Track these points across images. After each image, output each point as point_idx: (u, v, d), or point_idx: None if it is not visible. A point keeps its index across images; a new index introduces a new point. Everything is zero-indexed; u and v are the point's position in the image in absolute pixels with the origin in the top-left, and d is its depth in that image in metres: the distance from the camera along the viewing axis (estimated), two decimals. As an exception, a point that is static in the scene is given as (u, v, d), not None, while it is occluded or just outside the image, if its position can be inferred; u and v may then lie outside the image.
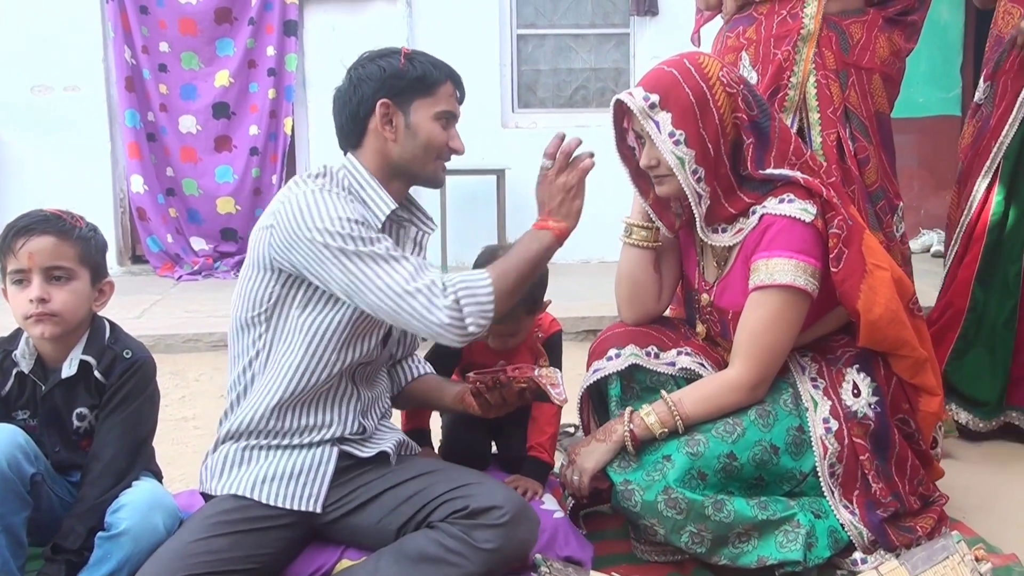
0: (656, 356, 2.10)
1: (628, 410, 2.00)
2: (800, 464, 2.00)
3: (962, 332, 2.82)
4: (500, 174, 5.95)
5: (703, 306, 2.15)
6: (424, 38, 6.00)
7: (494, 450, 2.32)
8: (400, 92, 1.86)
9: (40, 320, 1.85)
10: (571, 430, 2.73)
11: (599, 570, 1.96)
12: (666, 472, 1.91)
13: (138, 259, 6.35)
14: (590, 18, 6.67)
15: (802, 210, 1.95)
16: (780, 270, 1.93)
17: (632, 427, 1.97)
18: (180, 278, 5.97)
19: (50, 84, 6.08)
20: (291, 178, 1.98)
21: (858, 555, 1.97)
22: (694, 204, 2.00)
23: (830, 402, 2.01)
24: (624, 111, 2.04)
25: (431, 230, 2.00)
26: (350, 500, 1.88)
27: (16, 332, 1.96)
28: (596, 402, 2.16)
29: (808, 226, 1.95)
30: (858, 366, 2.05)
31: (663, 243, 2.20)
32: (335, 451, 1.88)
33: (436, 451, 2.28)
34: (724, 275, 2.09)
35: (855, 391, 2.03)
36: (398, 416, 2.23)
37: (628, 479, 1.93)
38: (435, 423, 2.32)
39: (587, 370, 2.13)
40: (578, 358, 2.38)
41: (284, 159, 6.19)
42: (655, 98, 1.95)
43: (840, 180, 2.39)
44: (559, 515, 2.06)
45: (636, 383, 2.09)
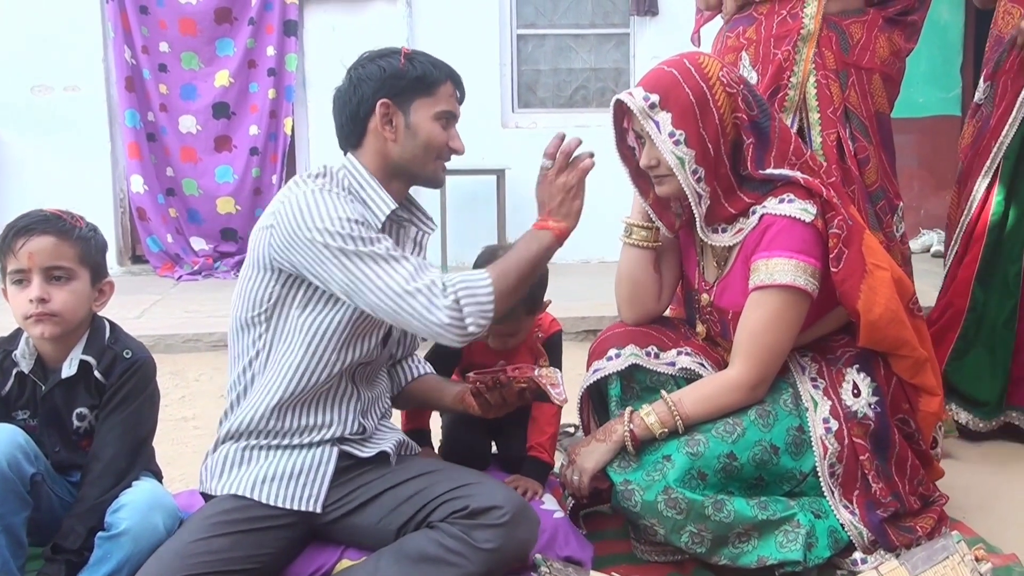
0: (656, 356, 2.10)
1: (628, 410, 2.00)
2: (800, 464, 2.00)
3: (962, 332, 2.82)
4: (500, 174, 5.95)
5: (703, 306, 2.15)
6: (424, 38, 6.00)
7: (494, 450, 2.32)
8: (400, 92, 1.86)
9: (40, 320, 1.85)
10: (571, 430, 2.73)
11: (599, 570, 1.96)
12: (666, 472, 1.91)
13: (138, 259, 6.35)
14: (590, 18, 6.67)
15: (802, 210, 1.95)
16: (780, 270, 1.93)
17: (632, 427, 1.97)
18: (180, 278, 5.97)
19: (50, 84, 6.08)
20: (291, 178, 1.98)
21: (858, 555, 1.97)
22: (694, 204, 2.00)
23: (830, 402, 2.01)
24: (624, 111, 2.04)
25: (431, 230, 2.00)
26: (350, 500, 1.87)
27: (16, 332, 1.96)
28: (596, 402, 2.16)
29: (808, 226, 1.95)
30: (858, 366, 2.05)
31: (663, 243, 2.20)
32: (335, 451, 1.88)
33: (436, 451, 2.29)
34: (724, 275, 2.09)
35: (855, 391, 2.03)
36: (398, 416, 2.23)
37: (628, 479, 1.93)
38: (435, 423, 2.32)
39: (587, 370, 2.13)
40: (578, 358, 2.38)
41: (284, 159, 6.19)
42: (655, 98, 1.95)
43: (840, 180, 2.39)
44: (559, 515, 2.06)
45: (636, 383, 2.09)
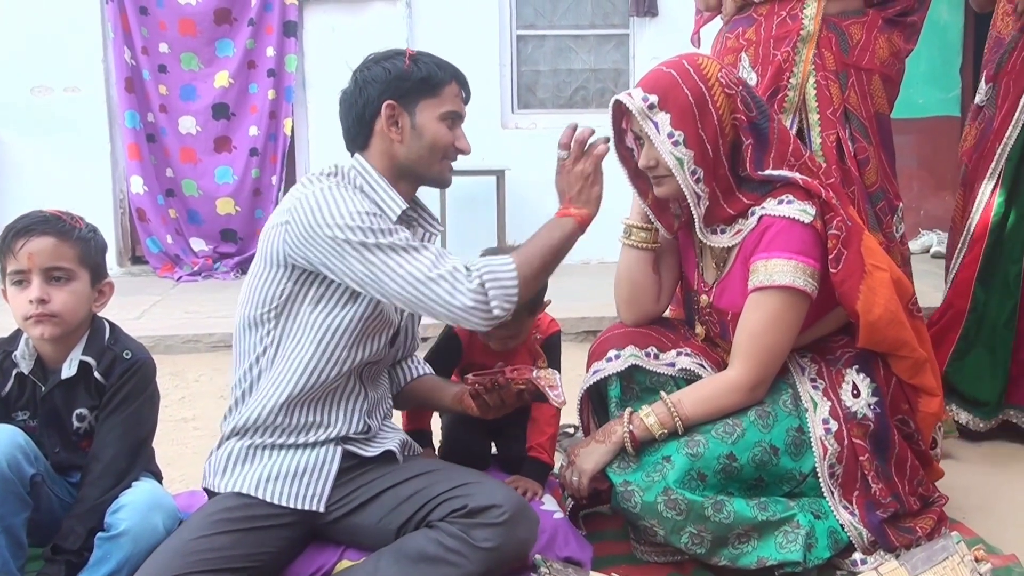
0: (656, 357, 2.10)
1: (628, 411, 2.00)
2: (800, 465, 2.00)
3: (963, 332, 2.81)
4: (500, 175, 5.94)
5: (702, 307, 2.15)
6: (424, 39, 5.99)
7: (494, 451, 2.32)
8: (405, 93, 1.87)
9: (40, 321, 1.85)
10: (571, 431, 2.73)
11: (599, 571, 1.96)
12: (666, 473, 1.91)
13: (138, 260, 6.35)
14: (590, 19, 6.67)
15: (801, 211, 1.95)
16: (779, 271, 1.93)
17: (632, 428, 1.97)
18: (180, 279, 5.97)
19: (50, 85, 6.08)
20: (291, 177, 1.98)
21: (858, 556, 1.97)
22: (693, 205, 2.00)
23: (830, 403, 2.01)
24: (623, 112, 2.04)
25: (437, 232, 2.01)
26: (351, 499, 1.88)
27: (16, 333, 1.96)
28: (596, 403, 2.16)
29: (807, 227, 1.95)
30: (857, 367, 2.05)
31: (662, 244, 2.20)
32: (339, 451, 1.88)
33: (436, 452, 2.29)
34: (723, 276, 2.09)
35: (855, 392, 2.03)
36: (398, 416, 2.23)
37: (628, 480, 1.93)
38: (435, 424, 2.32)
39: (587, 371, 2.13)
40: (578, 359, 2.38)
41: (284, 160, 6.18)
42: (654, 99, 1.95)
43: (840, 181, 2.39)
44: (559, 516, 2.06)
45: (636, 384, 2.09)
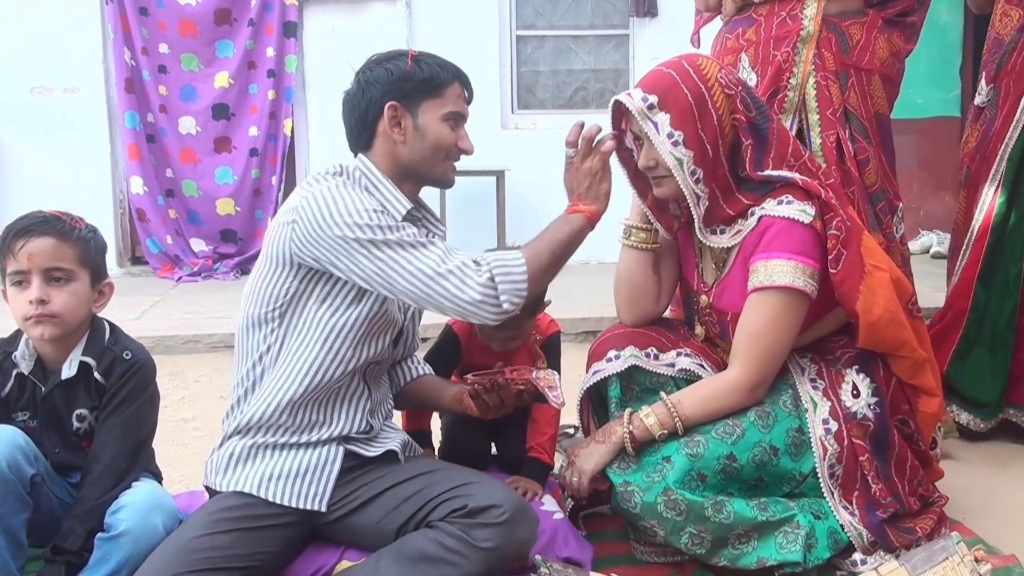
0: (655, 357, 2.10)
1: (627, 411, 2.00)
2: (800, 465, 2.00)
3: (964, 333, 2.81)
4: (500, 175, 5.95)
5: (702, 308, 2.15)
6: (424, 39, 6.00)
7: (494, 451, 2.32)
8: (408, 94, 1.87)
9: (40, 321, 1.85)
10: (571, 431, 2.73)
11: (599, 571, 1.96)
12: (666, 473, 1.91)
13: (138, 260, 6.35)
14: (589, 19, 6.67)
15: (800, 211, 1.95)
16: (779, 271, 1.93)
17: (631, 428, 1.97)
18: (180, 279, 5.97)
19: (50, 85, 6.08)
20: (291, 178, 1.99)
21: (858, 556, 1.97)
22: (692, 205, 2.00)
23: (829, 403, 2.01)
24: (623, 112, 2.04)
25: (441, 232, 2.01)
26: (352, 499, 1.88)
27: (16, 333, 1.96)
28: (596, 403, 2.16)
29: (807, 227, 1.95)
30: (857, 367, 2.05)
31: (662, 245, 2.20)
32: (341, 450, 1.88)
33: (436, 453, 2.28)
34: (723, 277, 2.09)
35: (854, 392, 2.03)
36: (397, 417, 2.23)
37: (628, 480, 1.93)
38: (435, 425, 2.32)
39: (587, 371, 2.13)
40: (578, 359, 2.38)
41: (284, 160, 6.19)
42: (654, 99, 1.95)
43: (840, 181, 2.39)
44: (559, 516, 2.05)
45: (636, 384, 2.09)
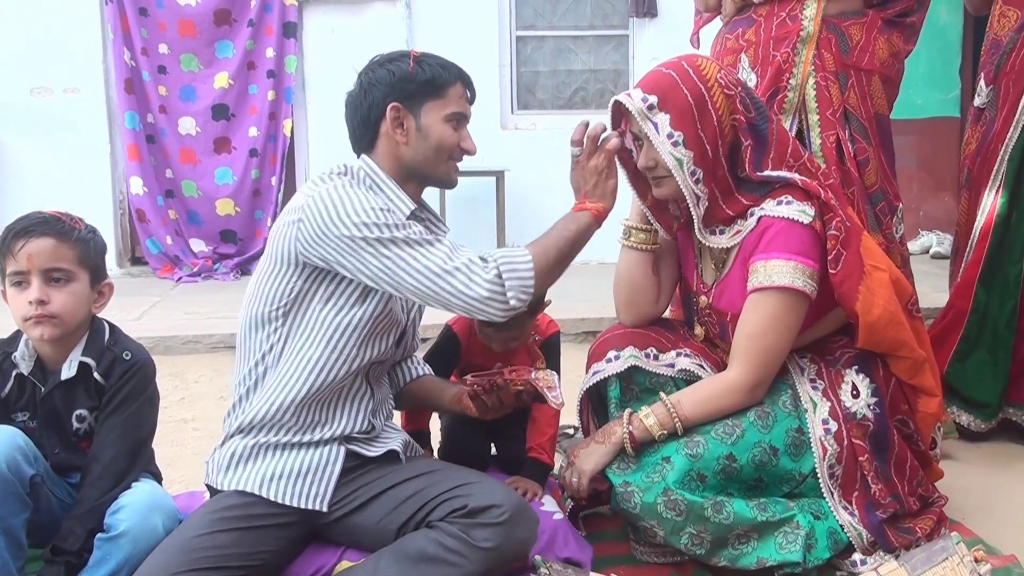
0: (655, 358, 2.10)
1: (627, 412, 2.00)
2: (799, 465, 2.00)
3: (965, 333, 2.81)
4: (499, 176, 5.94)
5: (701, 308, 2.15)
6: (423, 40, 6.00)
7: (494, 452, 2.32)
8: (410, 95, 1.88)
9: (39, 322, 1.85)
10: (571, 431, 2.73)
11: (598, 571, 1.96)
12: (665, 474, 1.91)
13: (137, 261, 6.35)
14: (589, 19, 6.67)
15: (800, 212, 1.95)
16: (778, 272, 1.93)
17: (631, 429, 1.97)
18: (179, 280, 5.97)
19: (49, 86, 6.08)
20: (291, 178, 1.99)
21: (857, 556, 1.97)
22: (692, 206, 2.00)
23: (829, 403, 2.01)
24: (622, 112, 2.04)
25: (444, 233, 2.01)
26: (352, 499, 1.88)
27: (16, 334, 1.96)
28: (596, 404, 2.16)
29: (806, 228, 1.95)
30: (857, 367, 2.05)
31: (661, 245, 2.20)
32: (342, 450, 1.88)
33: (435, 454, 2.28)
34: (722, 277, 2.09)
35: (854, 392, 2.03)
36: (397, 417, 2.23)
37: (627, 481, 1.93)
38: (434, 425, 2.32)
39: (586, 372, 2.13)
40: (578, 359, 2.38)
41: (283, 161, 6.19)
42: (653, 99, 1.95)
43: (839, 182, 2.39)
44: (558, 516, 2.06)
45: (635, 385, 2.09)
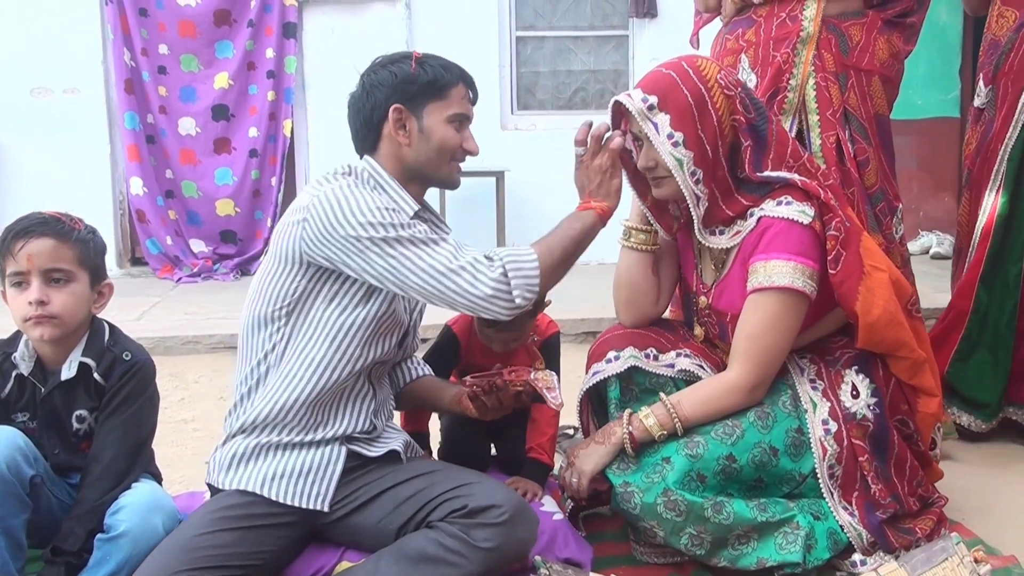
0: (655, 358, 2.10)
1: (627, 412, 2.00)
2: (799, 466, 2.00)
3: (966, 333, 2.81)
4: (499, 176, 5.94)
5: (701, 308, 2.15)
6: (423, 40, 6.00)
7: (493, 452, 2.32)
8: (412, 97, 1.88)
9: (39, 322, 1.85)
10: (571, 432, 2.73)
11: (598, 572, 1.96)
12: (665, 474, 1.91)
13: (137, 261, 6.36)
14: (589, 20, 6.67)
15: (800, 212, 1.95)
16: (778, 272, 1.93)
17: (631, 429, 1.96)
18: (179, 280, 5.97)
19: (49, 86, 6.09)
20: (291, 178, 1.99)
21: (857, 557, 1.97)
22: (692, 206, 2.00)
23: (829, 403, 2.01)
24: (622, 113, 2.04)
25: (447, 234, 2.01)
26: (353, 499, 1.88)
27: (16, 334, 1.96)
28: (595, 404, 2.16)
29: (806, 228, 1.95)
30: (857, 367, 2.05)
31: (661, 246, 2.20)
32: (343, 450, 1.88)
33: (434, 455, 2.28)
34: (722, 277, 2.09)
35: (854, 392, 2.03)
36: (396, 418, 2.23)
37: (627, 481, 1.93)
38: (434, 426, 2.32)
39: (586, 372, 2.13)
40: (577, 360, 2.38)
41: (283, 161, 6.19)
42: (653, 100, 1.95)
43: (839, 182, 2.39)
44: (558, 517, 2.05)
45: (635, 385, 2.09)
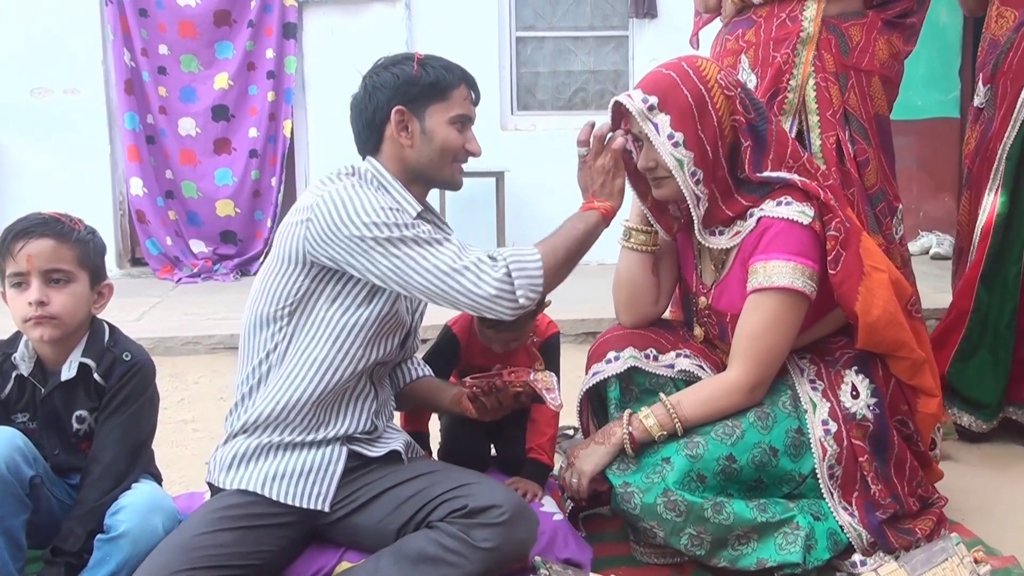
0: (655, 358, 2.10)
1: (627, 412, 2.00)
2: (799, 466, 2.00)
3: (966, 334, 2.80)
4: (499, 176, 5.94)
5: (701, 309, 2.15)
6: (423, 40, 6.00)
7: (493, 452, 2.32)
8: (414, 98, 1.88)
9: (39, 323, 1.85)
10: (570, 432, 2.73)
11: (598, 572, 1.96)
12: (665, 474, 1.91)
13: (137, 261, 6.36)
14: (589, 20, 6.67)
15: (800, 212, 1.96)
16: (778, 273, 1.93)
17: (631, 429, 1.97)
18: (179, 281, 5.97)
19: (49, 87, 6.09)
20: (291, 179, 1.99)
21: (857, 557, 1.97)
22: (692, 206, 2.00)
23: (829, 404, 2.01)
24: (622, 113, 2.04)
25: (449, 234, 2.01)
26: (353, 499, 1.88)
27: (16, 335, 1.96)
28: (595, 405, 2.16)
29: (806, 228, 1.95)
30: (856, 368, 2.05)
31: (661, 246, 2.20)
32: (344, 450, 1.88)
33: (434, 456, 2.28)
34: (722, 278, 2.09)
35: (854, 393, 2.03)
36: (396, 419, 2.23)
37: (627, 481, 1.93)
38: (434, 427, 2.32)
39: (586, 373, 2.13)
40: (577, 360, 2.38)
41: (283, 161, 6.20)
42: (654, 100, 1.96)
43: (839, 183, 2.39)
44: (558, 517, 2.05)
45: (635, 385, 2.09)
